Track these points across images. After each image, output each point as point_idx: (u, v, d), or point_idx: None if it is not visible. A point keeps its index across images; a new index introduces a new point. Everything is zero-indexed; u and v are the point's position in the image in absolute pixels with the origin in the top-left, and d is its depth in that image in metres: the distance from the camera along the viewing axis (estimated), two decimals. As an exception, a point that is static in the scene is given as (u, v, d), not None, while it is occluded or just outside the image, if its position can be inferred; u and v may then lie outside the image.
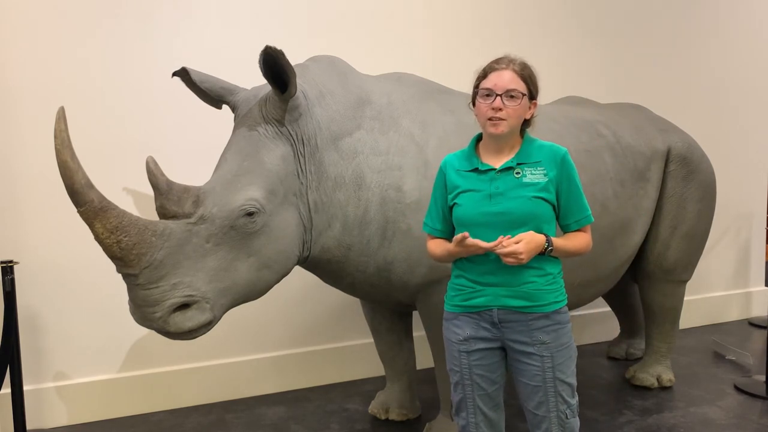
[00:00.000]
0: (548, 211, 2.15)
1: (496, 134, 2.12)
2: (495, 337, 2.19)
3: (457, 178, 2.22)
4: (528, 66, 2.18)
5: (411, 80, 3.16)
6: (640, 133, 3.75)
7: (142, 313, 2.34)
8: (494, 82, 2.11)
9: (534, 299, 2.14)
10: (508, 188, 2.13)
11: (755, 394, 3.87)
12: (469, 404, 2.25)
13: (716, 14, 5.51)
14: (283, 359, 4.14)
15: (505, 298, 2.14)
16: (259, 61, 2.42)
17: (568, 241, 2.18)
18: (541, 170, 2.14)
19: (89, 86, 3.58)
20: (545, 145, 2.21)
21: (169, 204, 2.37)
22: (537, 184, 2.12)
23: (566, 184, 2.16)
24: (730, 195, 5.56)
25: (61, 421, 3.65)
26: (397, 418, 3.58)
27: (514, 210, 2.10)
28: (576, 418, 2.21)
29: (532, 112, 2.19)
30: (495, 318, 2.17)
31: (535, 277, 2.14)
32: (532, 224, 2.10)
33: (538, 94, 2.20)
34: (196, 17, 3.78)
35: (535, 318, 2.14)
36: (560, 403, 2.16)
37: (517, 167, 2.15)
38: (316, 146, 2.70)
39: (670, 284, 3.96)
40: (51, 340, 3.62)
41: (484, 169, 2.17)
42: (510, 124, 2.11)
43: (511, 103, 2.09)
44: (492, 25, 4.60)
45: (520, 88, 2.10)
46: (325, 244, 2.77)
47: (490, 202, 2.13)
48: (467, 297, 2.20)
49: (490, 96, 2.11)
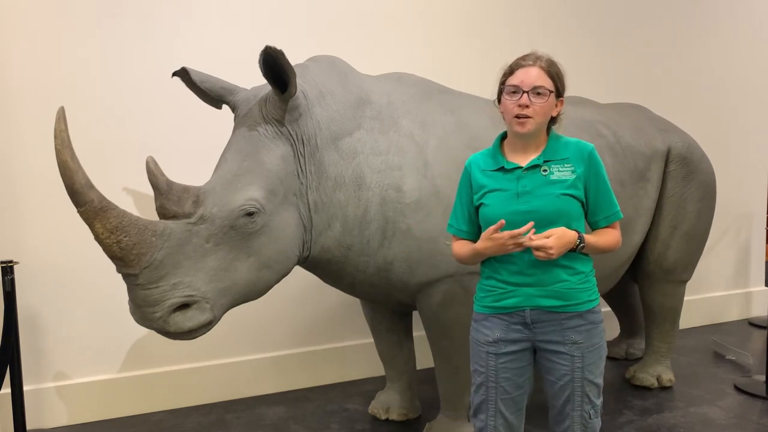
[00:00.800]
0: (577, 208, 2.11)
1: (522, 132, 2.09)
2: (526, 338, 2.16)
3: (483, 178, 2.19)
4: (555, 63, 2.14)
5: (411, 80, 3.16)
6: (640, 133, 3.75)
7: (142, 313, 2.34)
8: (521, 78, 2.07)
9: (567, 298, 2.10)
10: (535, 186, 2.09)
11: (755, 394, 3.87)
12: (490, 407, 2.21)
13: (716, 14, 5.51)
14: (283, 359, 4.14)
15: (538, 298, 2.11)
16: (259, 61, 2.42)
17: (599, 238, 2.14)
18: (569, 167, 2.11)
19: (89, 86, 3.58)
20: (572, 142, 2.18)
21: (169, 204, 2.37)
22: (565, 182, 2.09)
23: (594, 180, 2.13)
24: (730, 195, 5.56)
25: (61, 421, 3.65)
26: (397, 418, 3.58)
27: (543, 208, 2.07)
28: (599, 418, 2.19)
29: (558, 109, 2.17)
30: (527, 319, 2.13)
31: (568, 275, 2.10)
32: (561, 222, 2.07)
33: (565, 92, 2.16)
34: (196, 17, 3.78)
35: (568, 317, 2.11)
36: (585, 403, 2.14)
37: (544, 165, 2.11)
38: (316, 146, 2.70)
39: (670, 284, 3.96)
40: (51, 340, 3.62)
41: (510, 167, 2.14)
42: (537, 121, 2.08)
43: (537, 100, 2.06)
44: (492, 25, 4.60)
45: (547, 85, 2.07)
46: (325, 244, 2.77)
47: (518, 201, 2.09)
48: (498, 298, 2.17)
49: (517, 93, 2.07)
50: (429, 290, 2.93)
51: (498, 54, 4.61)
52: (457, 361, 3.04)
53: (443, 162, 2.87)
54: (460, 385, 3.11)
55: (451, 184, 2.84)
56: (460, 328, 2.96)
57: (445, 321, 2.96)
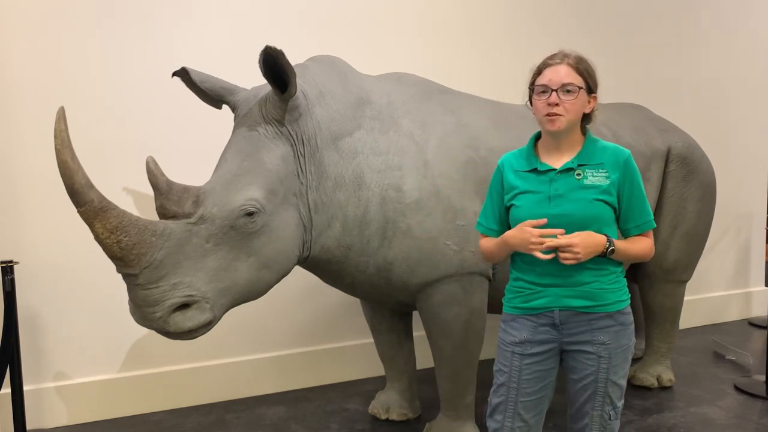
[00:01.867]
0: (609, 214, 2.08)
1: (554, 130, 2.06)
2: (553, 339, 2.13)
3: (515, 179, 2.17)
4: (584, 59, 2.12)
5: (411, 80, 3.16)
6: (639, 133, 3.75)
7: (142, 313, 2.34)
8: (549, 77, 2.06)
9: (596, 299, 2.08)
10: (568, 190, 2.07)
11: (755, 394, 3.87)
12: (509, 407, 2.19)
13: (717, 14, 5.51)
14: (283, 359, 4.14)
15: (567, 298, 2.09)
16: (259, 61, 2.42)
17: (630, 244, 2.10)
18: (604, 172, 2.07)
19: (89, 86, 3.58)
20: (608, 147, 2.14)
21: (169, 204, 2.37)
22: (598, 187, 2.06)
23: (628, 187, 2.09)
24: (730, 195, 5.56)
25: (61, 421, 3.65)
26: (397, 418, 3.58)
27: (575, 212, 2.04)
28: (618, 420, 2.16)
29: (591, 106, 2.14)
30: (556, 319, 2.11)
31: (597, 276, 2.08)
32: (593, 227, 2.04)
33: (598, 88, 2.14)
34: (196, 17, 3.78)
35: (597, 318, 2.08)
36: (606, 404, 2.12)
37: (578, 168, 2.09)
38: (316, 146, 2.70)
39: (670, 284, 3.96)
40: (51, 340, 3.62)
41: (544, 169, 2.11)
42: (568, 119, 2.05)
43: (567, 97, 2.04)
44: (492, 25, 4.60)
45: (576, 82, 2.05)
46: (325, 244, 2.77)
47: (550, 204, 2.07)
48: (527, 299, 2.15)
49: (546, 92, 2.05)
50: (429, 290, 2.92)
51: (498, 54, 4.64)
52: (457, 361, 3.04)
53: (443, 162, 2.87)
54: (460, 385, 3.11)
55: (451, 184, 2.85)
56: (460, 328, 2.96)
57: (445, 321, 2.96)
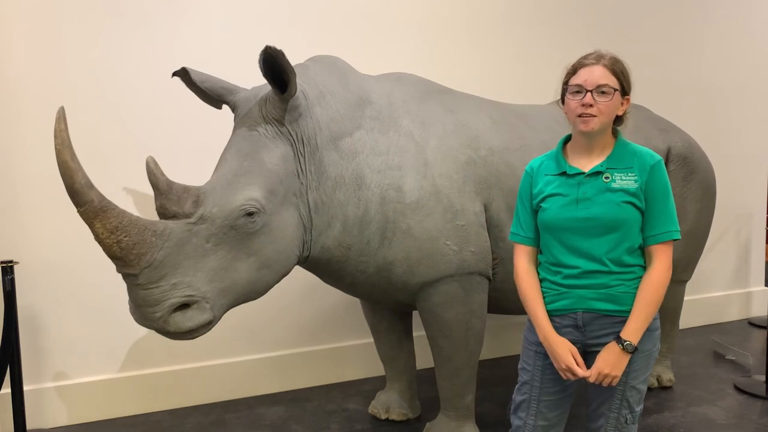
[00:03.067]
0: (638, 217, 2.05)
1: (586, 131, 2.05)
2: (576, 340, 2.12)
3: (544, 182, 2.16)
4: (619, 61, 2.10)
5: (411, 80, 3.16)
6: (639, 133, 3.74)
7: (142, 313, 2.34)
8: (584, 78, 2.04)
9: (621, 302, 2.06)
10: (595, 193, 2.05)
11: (755, 394, 3.87)
12: (532, 406, 2.20)
13: (716, 14, 5.51)
14: (283, 359, 4.14)
15: (591, 300, 2.07)
16: (259, 60, 2.42)
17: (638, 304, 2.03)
18: (632, 176, 2.04)
19: (89, 86, 3.58)
20: (639, 151, 2.11)
21: (169, 204, 2.37)
22: (627, 190, 2.03)
23: (652, 193, 2.04)
24: (730, 195, 5.56)
25: (61, 421, 3.65)
26: (397, 418, 3.58)
27: (602, 215, 2.03)
28: (635, 425, 2.15)
29: (624, 108, 2.13)
30: (579, 321, 2.10)
31: (622, 279, 2.06)
32: (621, 230, 2.03)
33: (631, 90, 2.12)
34: (196, 17, 3.78)
35: (621, 321, 2.06)
36: (624, 408, 2.10)
37: (606, 171, 2.06)
38: (316, 146, 2.70)
39: (670, 284, 3.95)
40: (51, 340, 3.62)
41: (573, 173, 2.11)
42: (601, 120, 2.03)
43: (602, 98, 2.02)
44: (492, 25, 4.60)
45: (611, 84, 2.03)
46: (325, 244, 2.77)
47: (578, 207, 2.06)
48: (551, 300, 2.15)
49: (580, 92, 2.04)
50: (429, 290, 2.92)
51: (498, 54, 4.64)
52: (457, 361, 3.04)
53: (443, 162, 2.87)
54: (459, 385, 3.11)
55: (451, 184, 2.85)
56: (459, 328, 2.96)
57: (445, 321, 2.96)
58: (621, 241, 2.04)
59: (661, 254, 2.06)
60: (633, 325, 2.02)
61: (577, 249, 2.07)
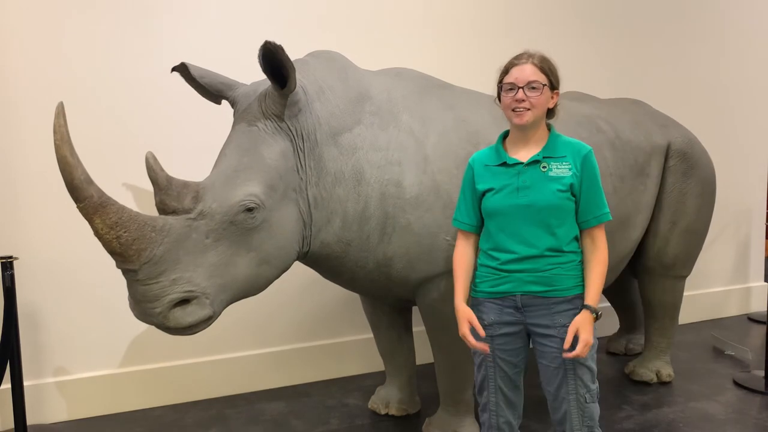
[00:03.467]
0: (571, 205, 2.23)
1: (521, 124, 2.21)
2: (518, 320, 2.29)
3: (486, 173, 2.32)
4: (547, 59, 2.27)
5: (411, 75, 3.15)
6: (639, 129, 3.75)
7: (141, 308, 2.34)
8: (516, 76, 2.21)
9: (555, 284, 2.23)
10: (534, 181, 2.22)
11: (754, 389, 3.88)
12: (490, 384, 2.38)
13: (716, 11, 5.50)
14: (283, 354, 4.15)
15: (528, 284, 2.24)
16: (259, 56, 2.41)
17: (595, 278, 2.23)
18: (566, 165, 2.23)
19: (89, 82, 3.58)
20: (570, 142, 2.29)
21: (168, 199, 2.37)
22: (562, 178, 2.21)
23: (588, 181, 2.24)
24: (730, 190, 5.56)
25: (62, 416, 3.65)
26: (396, 413, 3.58)
27: (540, 202, 2.20)
28: (596, 403, 2.29)
29: (554, 101, 2.29)
30: (518, 303, 2.27)
31: (557, 262, 2.23)
32: (555, 216, 2.20)
33: (560, 84, 2.29)
34: (195, 13, 3.77)
35: (556, 302, 2.23)
36: (580, 387, 2.25)
37: (543, 161, 2.23)
38: (316, 142, 2.69)
39: (669, 279, 3.96)
40: (51, 335, 3.62)
41: (512, 163, 2.26)
42: (534, 113, 2.20)
43: (533, 94, 2.19)
44: (493, 21, 4.59)
45: (540, 80, 2.20)
46: (324, 240, 2.77)
47: (518, 195, 2.22)
48: (493, 284, 2.30)
49: (513, 89, 2.21)
50: (428, 285, 2.93)
51: (500, 51, 4.57)
52: (457, 356, 3.04)
53: (443, 157, 2.87)
54: (459, 380, 3.11)
55: (451, 180, 2.85)
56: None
57: (445, 316, 2.96)
58: (557, 227, 2.22)
59: (600, 234, 2.28)
60: (594, 293, 2.22)
61: (517, 235, 2.23)
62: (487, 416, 2.41)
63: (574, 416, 2.25)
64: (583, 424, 2.26)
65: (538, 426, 3.37)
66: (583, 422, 2.26)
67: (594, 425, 2.27)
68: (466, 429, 3.16)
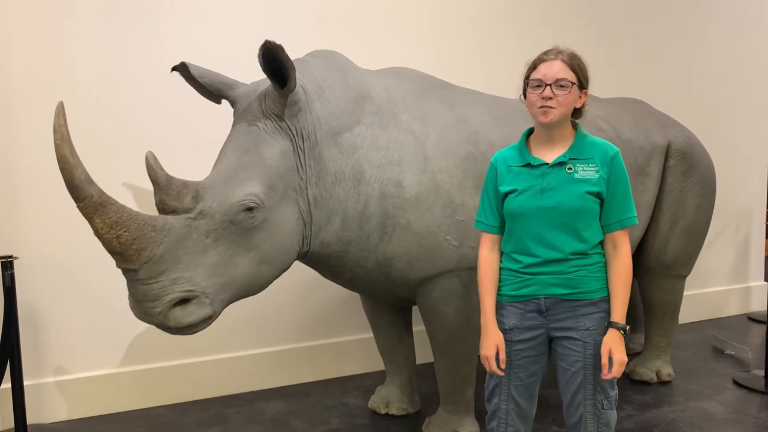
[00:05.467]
0: (597, 207, 2.17)
1: (546, 122, 2.14)
2: (541, 325, 2.22)
3: (509, 173, 2.25)
4: (577, 56, 2.20)
5: (411, 75, 3.15)
6: (640, 128, 3.75)
7: (141, 308, 2.34)
8: (544, 72, 2.14)
9: (580, 286, 2.16)
10: (559, 183, 2.15)
11: (754, 389, 3.88)
12: (503, 391, 2.30)
13: (716, 10, 5.50)
14: (283, 354, 4.15)
15: (552, 286, 2.17)
16: (259, 55, 2.41)
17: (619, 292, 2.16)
18: (593, 167, 2.15)
19: (89, 81, 3.58)
20: (598, 143, 2.22)
21: (168, 199, 2.37)
22: (588, 181, 2.14)
23: (614, 183, 2.17)
24: (730, 190, 5.56)
25: (61, 416, 3.65)
26: (396, 413, 3.58)
27: (565, 205, 2.13)
28: (613, 410, 2.22)
29: (583, 101, 2.22)
30: (542, 306, 2.20)
31: (581, 265, 2.16)
32: (581, 218, 2.14)
33: (589, 84, 2.22)
34: (195, 12, 3.77)
35: (581, 305, 2.17)
36: (598, 393, 2.19)
37: (569, 162, 2.16)
38: (316, 141, 2.69)
39: (669, 279, 3.96)
40: (51, 335, 3.62)
41: (537, 164, 2.20)
42: (560, 112, 2.13)
43: (560, 92, 2.12)
44: (494, 20, 4.59)
45: (569, 78, 2.13)
46: (324, 239, 2.77)
47: (542, 197, 2.16)
48: (516, 287, 2.24)
49: (540, 86, 2.13)
50: (428, 285, 2.93)
51: (501, 50, 4.63)
52: (457, 356, 3.04)
53: (443, 157, 2.87)
54: (459, 380, 3.11)
55: (451, 179, 2.85)
56: (459, 323, 2.96)
57: (445, 316, 2.96)
58: (582, 230, 2.15)
59: (624, 239, 2.19)
60: (620, 309, 2.15)
61: (541, 237, 2.16)
62: (496, 424, 2.32)
63: (590, 422, 2.19)
64: (597, 430, 2.19)
65: (537, 426, 3.37)
66: (598, 429, 2.19)
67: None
68: (466, 428, 3.16)
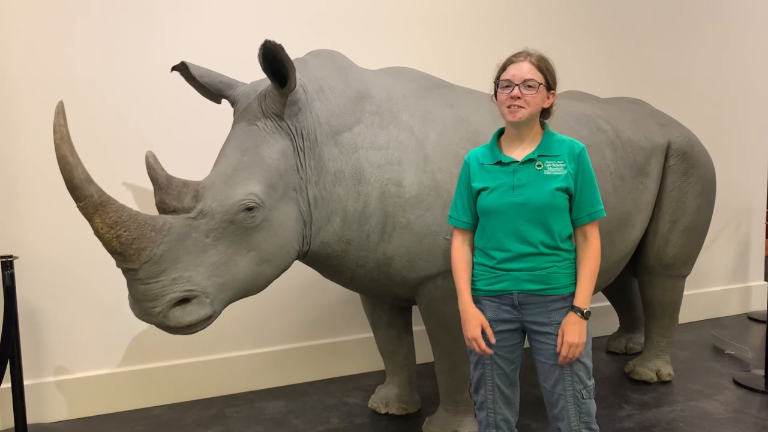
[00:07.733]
0: (566, 202, 2.25)
1: (514, 121, 2.22)
2: (515, 318, 2.31)
3: (481, 171, 2.33)
4: (545, 58, 2.28)
5: (411, 75, 3.15)
6: (640, 128, 3.75)
7: (141, 307, 2.34)
8: (513, 73, 2.22)
9: (551, 282, 2.25)
10: (529, 180, 2.23)
11: (754, 389, 3.88)
12: (487, 381, 2.39)
13: (716, 9, 5.50)
14: (283, 354, 4.15)
15: (525, 282, 2.25)
16: (259, 55, 2.41)
17: (584, 277, 2.25)
18: (561, 163, 2.24)
19: (89, 81, 3.58)
20: (565, 140, 2.31)
21: (168, 199, 2.37)
22: (557, 177, 2.23)
23: (582, 178, 2.26)
24: (730, 189, 5.56)
25: (62, 415, 3.66)
26: (396, 413, 3.59)
27: (535, 200, 2.21)
28: (592, 399, 2.30)
29: (550, 101, 2.30)
30: (515, 301, 2.29)
31: (553, 261, 2.25)
32: (551, 214, 2.22)
33: (557, 85, 2.30)
34: (196, 12, 3.76)
35: (552, 300, 2.25)
36: (576, 383, 2.27)
37: (538, 159, 2.25)
38: (316, 141, 2.69)
39: (669, 279, 3.96)
40: (51, 334, 3.62)
41: (507, 161, 2.28)
42: (528, 111, 2.21)
43: (528, 92, 2.20)
44: (492, 21, 4.59)
45: (537, 78, 2.21)
46: (324, 239, 2.77)
47: (513, 193, 2.24)
48: (490, 282, 2.32)
49: (509, 86, 2.22)
50: (428, 285, 2.93)
51: (500, 51, 4.59)
52: (457, 356, 3.05)
53: (443, 156, 2.87)
54: (459, 380, 3.12)
55: (451, 179, 2.85)
56: (459, 323, 2.96)
57: (445, 315, 2.96)
58: (552, 226, 2.23)
59: (594, 231, 2.29)
60: (584, 293, 2.24)
61: (513, 233, 2.25)
62: (485, 414, 2.42)
63: (571, 412, 2.27)
64: (580, 420, 2.27)
65: (537, 425, 3.37)
66: (580, 418, 2.27)
67: (591, 421, 2.29)
68: (466, 428, 3.16)
